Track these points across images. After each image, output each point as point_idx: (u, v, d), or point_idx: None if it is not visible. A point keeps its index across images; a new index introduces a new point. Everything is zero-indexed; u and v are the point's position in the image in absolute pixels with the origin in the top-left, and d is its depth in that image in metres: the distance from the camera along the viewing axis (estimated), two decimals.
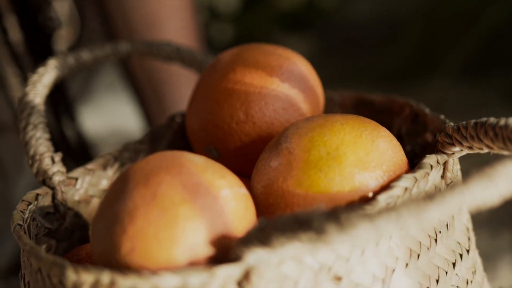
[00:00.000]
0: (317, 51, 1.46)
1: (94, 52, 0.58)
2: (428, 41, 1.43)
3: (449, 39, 1.38)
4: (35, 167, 0.50)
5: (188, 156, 0.41)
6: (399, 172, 0.45)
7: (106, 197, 0.40)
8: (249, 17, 1.53)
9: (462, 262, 0.48)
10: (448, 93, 1.28)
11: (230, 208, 0.39)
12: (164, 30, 0.83)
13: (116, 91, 1.22)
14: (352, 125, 0.45)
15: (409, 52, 1.43)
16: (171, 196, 0.38)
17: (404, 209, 0.32)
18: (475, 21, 1.36)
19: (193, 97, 0.54)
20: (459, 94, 1.28)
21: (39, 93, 0.53)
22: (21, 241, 0.41)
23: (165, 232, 0.37)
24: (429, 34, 1.43)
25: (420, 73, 1.36)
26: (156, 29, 0.83)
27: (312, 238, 0.33)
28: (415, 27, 1.46)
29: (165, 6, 0.83)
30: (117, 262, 0.38)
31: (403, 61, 1.41)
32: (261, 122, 0.50)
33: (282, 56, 0.52)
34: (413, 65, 1.40)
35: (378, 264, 0.42)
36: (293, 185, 0.44)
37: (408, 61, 1.41)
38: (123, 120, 1.20)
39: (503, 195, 0.33)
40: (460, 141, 0.45)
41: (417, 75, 1.35)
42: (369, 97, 0.59)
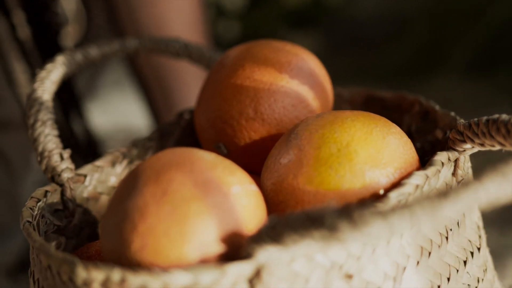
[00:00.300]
0: (323, 48, 1.45)
1: (102, 48, 0.58)
2: (434, 39, 1.42)
3: (454, 36, 1.38)
4: (44, 164, 0.50)
5: (199, 153, 0.41)
6: (410, 169, 0.44)
7: (116, 194, 0.40)
8: (255, 15, 1.53)
9: (473, 260, 0.48)
10: (454, 91, 1.28)
11: (240, 205, 0.39)
12: (171, 27, 0.83)
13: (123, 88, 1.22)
14: (363, 122, 0.45)
15: (414, 50, 1.42)
16: (182, 193, 0.38)
17: (418, 207, 0.32)
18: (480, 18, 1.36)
19: (201, 93, 0.54)
20: (465, 91, 1.27)
21: (47, 89, 0.53)
22: (31, 238, 0.41)
23: (176, 229, 0.37)
24: (434, 32, 1.43)
25: (425, 70, 1.35)
26: (163, 26, 0.83)
27: (325, 235, 0.33)
28: (421, 24, 1.46)
29: (173, 2, 0.83)
30: (128, 259, 0.38)
31: (408, 58, 1.41)
32: (271, 119, 0.50)
33: (291, 52, 0.52)
34: (419, 62, 1.39)
35: (389, 262, 0.42)
36: (303, 182, 0.43)
37: (413, 59, 1.41)
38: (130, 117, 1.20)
39: None
40: (472, 138, 0.45)
41: (422, 73, 1.35)
42: (378, 94, 0.58)
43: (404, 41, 1.44)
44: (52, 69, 0.54)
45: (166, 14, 0.83)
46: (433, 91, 1.26)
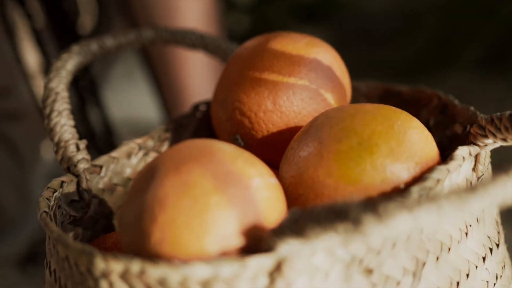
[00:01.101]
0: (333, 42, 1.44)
1: (118, 38, 0.58)
2: (445, 34, 1.41)
3: (466, 32, 1.37)
4: (60, 154, 0.49)
5: (218, 144, 0.40)
6: (431, 163, 0.44)
7: (135, 185, 0.40)
8: (265, 8, 1.52)
9: (492, 257, 0.47)
10: (466, 86, 1.27)
11: (261, 197, 0.38)
12: (184, 17, 0.82)
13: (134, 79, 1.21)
14: (384, 116, 0.44)
15: (425, 45, 1.41)
16: (203, 184, 0.37)
17: (445, 200, 0.31)
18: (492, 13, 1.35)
19: (219, 85, 0.53)
20: (476, 87, 1.27)
21: (63, 79, 0.53)
22: (48, 228, 0.41)
23: (196, 221, 0.36)
24: (446, 27, 1.42)
25: (436, 66, 1.35)
26: (176, 17, 0.82)
27: (349, 229, 0.33)
28: (432, 20, 1.45)
29: None
30: (147, 251, 0.37)
31: (419, 54, 1.40)
32: (289, 111, 0.50)
33: (310, 44, 0.52)
34: (430, 58, 1.39)
35: (409, 257, 0.42)
36: (323, 175, 0.43)
37: (424, 54, 1.40)
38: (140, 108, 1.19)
39: None
40: (494, 133, 0.44)
41: (433, 68, 1.34)
42: (396, 88, 0.58)
43: (415, 37, 1.43)
44: (68, 59, 0.54)
45: (179, 5, 0.83)
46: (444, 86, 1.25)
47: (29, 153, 0.93)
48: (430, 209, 0.31)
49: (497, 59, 1.32)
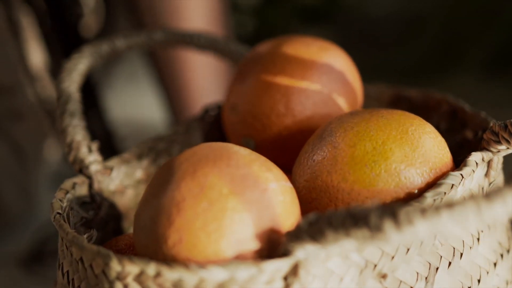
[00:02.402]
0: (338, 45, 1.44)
1: (128, 40, 0.58)
2: (449, 38, 1.41)
3: (470, 36, 1.37)
4: (72, 155, 0.49)
5: (234, 148, 0.40)
6: (444, 169, 0.44)
7: (151, 188, 0.40)
8: (269, 11, 1.52)
9: (503, 262, 0.48)
10: (470, 90, 1.27)
11: (277, 201, 0.38)
12: (191, 19, 0.82)
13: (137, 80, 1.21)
14: (398, 121, 0.44)
15: (429, 48, 1.42)
16: (219, 188, 0.37)
17: (464, 207, 0.31)
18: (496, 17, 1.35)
19: (231, 88, 0.53)
20: (480, 91, 1.27)
21: (75, 80, 0.53)
22: (62, 230, 0.41)
23: (213, 225, 0.36)
24: (450, 31, 1.42)
25: (440, 69, 1.35)
26: (183, 18, 0.82)
27: (368, 235, 0.33)
28: (436, 23, 1.45)
29: None
30: (163, 254, 0.37)
31: (423, 57, 1.40)
32: (301, 115, 0.50)
33: (322, 48, 0.52)
34: (433, 61, 1.39)
35: (422, 262, 0.42)
36: (337, 180, 0.43)
37: (428, 57, 1.40)
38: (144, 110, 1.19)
39: None
40: (508, 139, 0.44)
41: (437, 72, 1.34)
42: (406, 91, 0.58)
43: (418, 40, 1.44)
44: (79, 60, 0.54)
45: (185, 6, 0.83)
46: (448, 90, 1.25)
47: (32, 152, 0.92)
48: (449, 216, 0.31)
49: (501, 62, 1.32)
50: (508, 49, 1.32)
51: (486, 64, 1.32)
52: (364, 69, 1.44)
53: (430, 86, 1.28)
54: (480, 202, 0.31)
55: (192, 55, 0.82)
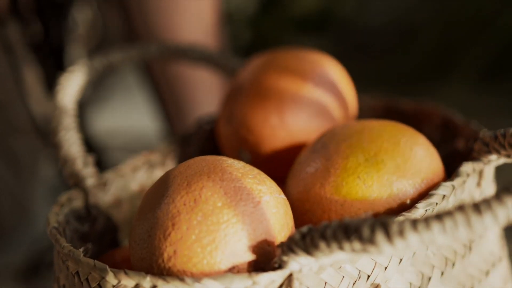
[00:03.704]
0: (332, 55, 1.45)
1: (123, 54, 0.58)
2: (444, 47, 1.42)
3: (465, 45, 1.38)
4: (67, 169, 0.50)
5: (228, 161, 0.41)
6: (436, 179, 0.45)
7: (146, 201, 0.40)
8: (265, 21, 1.53)
9: (495, 271, 0.48)
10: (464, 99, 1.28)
11: (271, 214, 0.39)
12: (186, 33, 0.82)
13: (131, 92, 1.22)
14: (390, 132, 0.45)
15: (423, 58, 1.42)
16: (213, 201, 0.38)
17: (454, 219, 0.32)
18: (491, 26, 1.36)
19: (225, 101, 0.54)
20: (475, 100, 1.27)
21: (70, 94, 0.53)
22: (58, 243, 0.41)
23: (208, 238, 0.37)
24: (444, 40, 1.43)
25: (435, 78, 1.36)
26: (178, 32, 0.82)
27: (360, 247, 0.33)
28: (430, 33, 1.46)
29: (188, 9, 0.83)
30: (159, 267, 0.38)
31: (418, 67, 1.41)
32: (295, 127, 0.50)
33: (315, 61, 0.52)
34: (428, 70, 1.40)
35: (414, 272, 0.42)
36: (330, 191, 0.43)
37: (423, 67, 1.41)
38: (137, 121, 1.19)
39: None
40: (498, 149, 0.45)
41: (432, 81, 1.35)
42: (399, 102, 0.59)
43: (413, 50, 1.44)
44: (74, 74, 0.54)
45: (180, 20, 0.83)
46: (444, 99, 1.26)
47: (28, 165, 0.93)
48: (440, 228, 0.32)
49: (495, 71, 1.33)
50: (503, 58, 1.33)
51: (480, 73, 1.33)
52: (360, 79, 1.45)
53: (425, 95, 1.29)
54: (469, 213, 0.32)
55: (187, 67, 0.83)
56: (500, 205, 0.32)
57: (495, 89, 1.30)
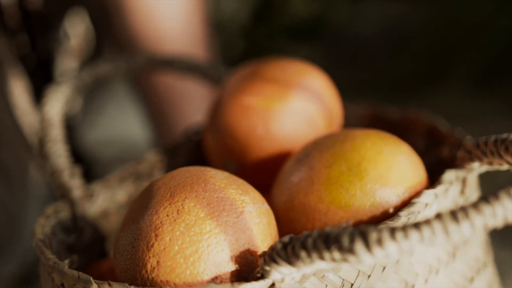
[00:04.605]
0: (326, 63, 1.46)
1: (110, 65, 0.59)
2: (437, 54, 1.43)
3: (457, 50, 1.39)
4: (54, 181, 0.50)
5: (212, 171, 0.41)
6: (419, 188, 0.45)
7: (130, 213, 0.40)
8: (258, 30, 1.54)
9: (480, 277, 0.48)
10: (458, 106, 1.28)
11: (254, 224, 0.39)
12: (173, 43, 0.83)
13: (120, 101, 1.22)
14: (373, 141, 0.45)
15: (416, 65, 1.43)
16: (196, 212, 0.38)
17: (433, 228, 0.32)
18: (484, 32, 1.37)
19: (211, 111, 0.54)
20: (469, 106, 1.28)
21: (57, 106, 0.53)
22: (44, 255, 0.41)
23: (190, 248, 0.37)
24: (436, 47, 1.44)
25: (429, 85, 1.36)
26: (165, 43, 0.83)
27: (340, 257, 0.33)
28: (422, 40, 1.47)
29: (173, 19, 0.83)
30: (142, 278, 0.38)
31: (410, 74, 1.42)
32: (280, 137, 0.51)
33: (300, 70, 0.53)
34: (421, 77, 1.40)
35: (398, 280, 0.42)
36: (314, 200, 0.44)
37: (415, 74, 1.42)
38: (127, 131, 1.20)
39: None
40: (480, 157, 0.45)
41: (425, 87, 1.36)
42: (385, 110, 0.59)
43: (406, 57, 1.45)
44: (61, 87, 0.55)
45: (168, 31, 0.83)
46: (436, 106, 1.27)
47: (19, 175, 0.93)
48: (418, 237, 0.32)
49: (487, 77, 1.34)
50: (495, 63, 1.34)
51: (473, 79, 1.34)
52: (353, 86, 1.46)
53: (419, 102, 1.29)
54: (447, 222, 0.32)
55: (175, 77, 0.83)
56: (477, 213, 0.32)
57: (488, 95, 1.31)
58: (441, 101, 1.30)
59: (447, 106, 1.28)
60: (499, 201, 0.33)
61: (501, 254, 0.84)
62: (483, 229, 0.32)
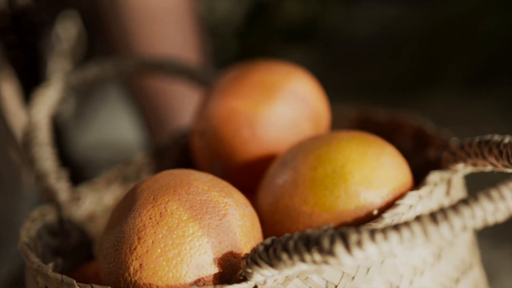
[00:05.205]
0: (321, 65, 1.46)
1: (99, 68, 0.59)
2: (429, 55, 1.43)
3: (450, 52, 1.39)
4: (40, 184, 0.50)
5: (196, 174, 0.41)
6: (404, 189, 0.45)
7: (113, 216, 0.41)
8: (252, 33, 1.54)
9: (466, 278, 0.48)
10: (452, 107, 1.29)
11: (237, 226, 0.39)
12: (164, 46, 0.83)
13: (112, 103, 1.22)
14: (358, 143, 0.45)
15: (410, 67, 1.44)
16: (179, 215, 0.38)
17: (412, 230, 0.32)
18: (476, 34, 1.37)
19: (198, 114, 0.54)
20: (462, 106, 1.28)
21: (45, 109, 0.53)
22: (28, 259, 0.41)
23: (173, 251, 0.37)
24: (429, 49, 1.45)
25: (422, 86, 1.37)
26: (156, 45, 0.83)
27: (321, 259, 0.33)
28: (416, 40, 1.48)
29: (166, 22, 0.83)
30: (125, 281, 0.38)
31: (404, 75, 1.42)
32: (266, 140, 0.51)
33: (286, 73, 0.53)
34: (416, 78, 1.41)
35: (382, 282, 0.42)
36: (299, 202, 0.44)
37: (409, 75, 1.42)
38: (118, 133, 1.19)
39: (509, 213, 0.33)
40: (465, 158, 0.45)
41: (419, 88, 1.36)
42: (374, 112, 0.59)
43: (400, 59, 1.46)
44: (48, 90, 0.55)
45: (159, 34, 0.84)
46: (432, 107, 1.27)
47: (11, 179, 0.93)
48: (398, 239, 0.32)
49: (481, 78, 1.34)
50: (488, 64, 1.34)
51: (467, 80, 1.34)
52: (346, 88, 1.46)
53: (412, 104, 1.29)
54: (426, 224, 0.32)
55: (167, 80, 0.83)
56: (456, 215, 0.33)
57: (481, 96, 1.31)
58: (435, 102, 1.30)
59: (442, 107, 1.28)
60: (478, 203, 0.33)
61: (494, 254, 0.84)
62: (463, 230, 0.33)
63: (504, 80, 1.30)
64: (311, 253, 0.34)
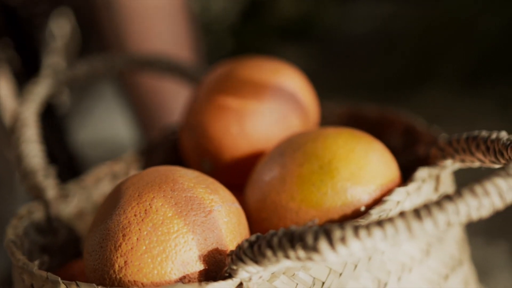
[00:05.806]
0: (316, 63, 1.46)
1: (89, 66, 0.58)
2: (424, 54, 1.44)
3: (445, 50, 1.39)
4: (27, 182, 0.50)
5: (181, 171, 0.41)
6: (391, 185, 0.45)
7: (99, 213, 0.40)
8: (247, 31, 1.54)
9: (455, 275, 0.48)
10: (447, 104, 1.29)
11: (223, 223, 0.39)
12: (156, 43, 0.83)
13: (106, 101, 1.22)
14: (345, 139, 0.45)
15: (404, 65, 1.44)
16: (164, 211, 0.38)
17: (396, 226, 0.32)
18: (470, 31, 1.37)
19: (186, 110, 0.54)
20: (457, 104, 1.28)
21: (33, 106, 0.53)
22: (14, 256, 0.41)
23: (158, 248, 0.37)
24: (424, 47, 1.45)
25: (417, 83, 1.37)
26: (148, 42, 0.83)
27: (305, 256, 0.33)
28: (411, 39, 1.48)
29: (158, 18, 0.83)
30: (110, 278, 0.38)
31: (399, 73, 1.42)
32: (254, 136, 0.51)
33: (275, 69, 0.53)
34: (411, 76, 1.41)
35: (370, 278, 0.42)
36: (286, 199, 0.44)
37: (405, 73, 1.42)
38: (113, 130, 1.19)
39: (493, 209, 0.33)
40: (453, 154, 0.45)
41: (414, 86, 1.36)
42: (363, 108, 0.59)
43: (395, 57, 1.46)
44: (38, 87, 0.55)
45: (151, 31, 0.83)
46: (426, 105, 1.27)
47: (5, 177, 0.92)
48: (381, 235, 0.32)
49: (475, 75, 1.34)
50: (483, 62, 1.34)
51: (462, 78, 1.34)
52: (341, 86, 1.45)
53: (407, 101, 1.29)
54: (410, 220, 0.32)
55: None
56: (440, 210, 0.32)
57: (476, 94, 1.31)
58: (430, 100, 1.30)
59: (436, 105, 1.28)
60: (462, 198, 0.33)
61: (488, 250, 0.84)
62: (447, 226, 0.32)
63: (498, 78, 1.30)
64: (295, 249, 0.33)
